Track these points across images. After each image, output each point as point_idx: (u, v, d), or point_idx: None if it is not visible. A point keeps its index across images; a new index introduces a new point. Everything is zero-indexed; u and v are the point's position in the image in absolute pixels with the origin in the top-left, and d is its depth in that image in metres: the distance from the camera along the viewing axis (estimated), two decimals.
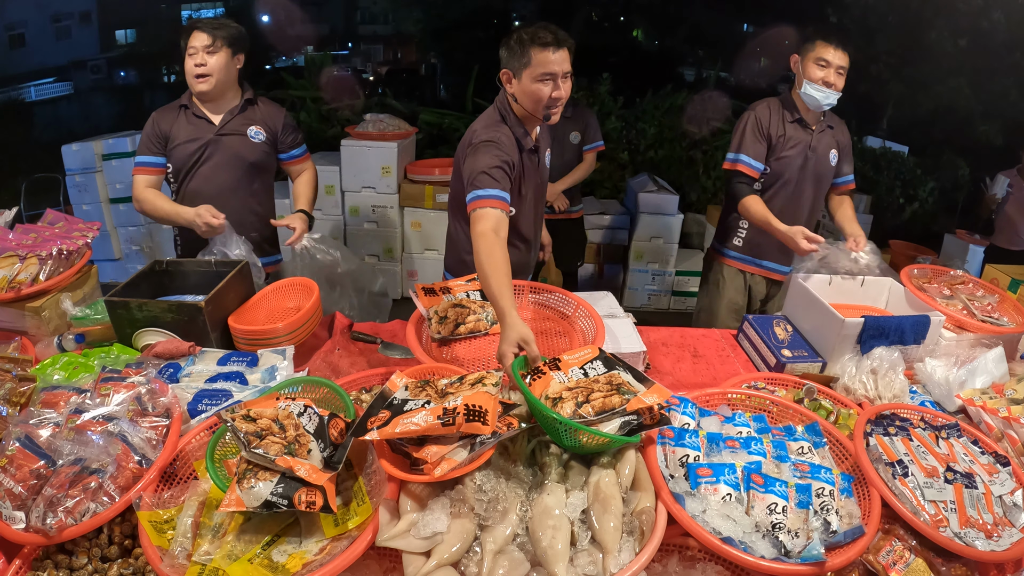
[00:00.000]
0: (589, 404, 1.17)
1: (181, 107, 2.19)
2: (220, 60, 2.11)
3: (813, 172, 2.34)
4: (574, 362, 1.31)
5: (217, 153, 2.19)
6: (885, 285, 2.03)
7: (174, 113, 2.18)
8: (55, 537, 1.04)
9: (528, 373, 1.29)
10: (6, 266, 1.73)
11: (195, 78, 2.11)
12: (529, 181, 1.93)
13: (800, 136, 2.32)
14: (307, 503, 1.00)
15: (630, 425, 1.15)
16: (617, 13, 7.46)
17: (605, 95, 5.24)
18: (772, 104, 2.35)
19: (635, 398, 1.19)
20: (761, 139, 2.31)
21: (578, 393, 1.20)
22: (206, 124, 2.18)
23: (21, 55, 8.52)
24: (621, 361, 1.31)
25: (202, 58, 2.08)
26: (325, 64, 5.88)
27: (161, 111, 2.20)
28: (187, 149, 2.17)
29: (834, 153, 2.37)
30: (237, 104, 2.22)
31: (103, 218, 4.48)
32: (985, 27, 4.49)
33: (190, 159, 2.17)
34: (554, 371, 1.29)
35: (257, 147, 2.25)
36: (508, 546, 1.01)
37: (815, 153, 2.33)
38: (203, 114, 2.19)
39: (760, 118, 2.32)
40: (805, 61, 2.24)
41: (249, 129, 2.23)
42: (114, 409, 1.21)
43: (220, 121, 2.19)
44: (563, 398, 1.19)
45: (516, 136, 1.83)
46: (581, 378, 1.27)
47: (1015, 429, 1.40)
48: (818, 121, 2.34)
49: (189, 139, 2.16)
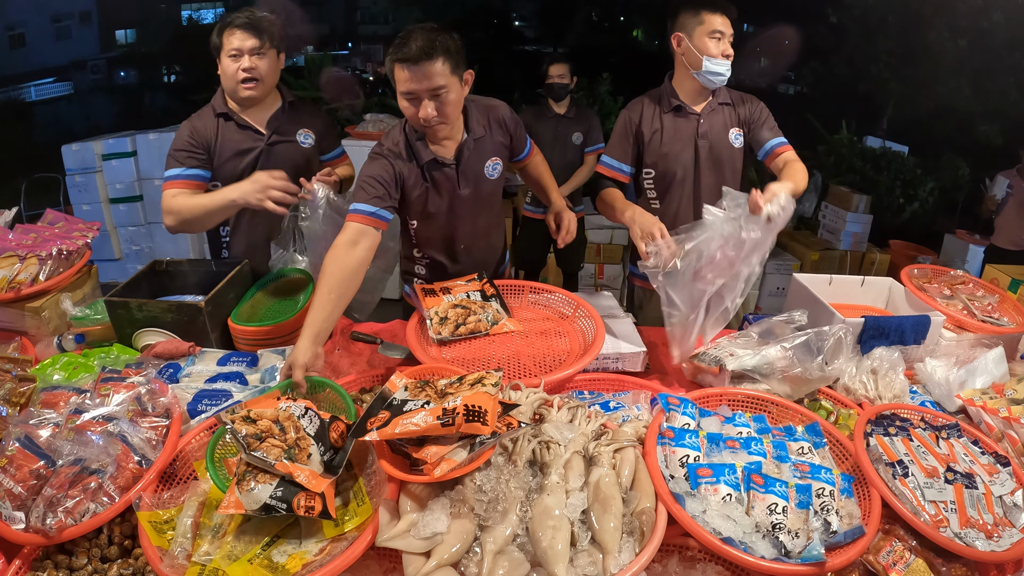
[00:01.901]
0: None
1: (219, 116, 1.93)
2: (269, 63, 1.90)
3: (709, 159, 2.02)
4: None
5: (268, 164, 1.93)
6: (885, 285, 2.03)
7: (212, 121, 1.93)
8: (55, 537, 1.04)
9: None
10: (6, 266, 1.73)
11: (241, 83, 1.87)
12: (441, 195, 1.79)
13: (683, 126, 2.02)
14: (306, 508, 1.00)
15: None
16: (617, 13, 7.46)
17: (605, 95, 5.24)
18: (644, 99, 2.07)
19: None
20: (628, 139, 2.05)
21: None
22: (253, 133, 1.96)
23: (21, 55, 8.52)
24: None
25: (249, 62, 1.85)
26: (325, 64, 5.89)
27: (197, 119, 1.94)
28: (238, 164, 1.93)
29: (735, 132, 2.03)
30: (279, 107, 2.00)
31: (103, 218, 4.49)
32: (985, 27, 4.49)
33: (242, 174, 1.88)
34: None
35: (307, 152, 2.06)
36: (508, 546, 1.01)
37: (706, 139, 2.01)
38: (247, 123, 1.95)
39: (631, 116, 2.05)
40: (695, 37, 1.93)
41: (298, 133, 2.03)
42: (114, 409, 1.21)
43: (267, 128, 1.97)
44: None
45: (414, 149, 1.72)
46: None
47: (1015, 429, 1.40)
48: (705, 103, 2.03)
49: (239, 151, 1.93)
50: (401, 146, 1.73)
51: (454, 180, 1.78)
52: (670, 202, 2.08)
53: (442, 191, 1.79)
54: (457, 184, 1.79)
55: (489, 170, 1.84)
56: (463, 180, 1.80)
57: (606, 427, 1.27)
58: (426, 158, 1.73)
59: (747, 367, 1.52)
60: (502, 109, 1.87)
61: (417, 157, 1.73)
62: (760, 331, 1.64)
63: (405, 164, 1.72)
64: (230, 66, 1.86)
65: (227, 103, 1.95)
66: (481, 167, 1.82)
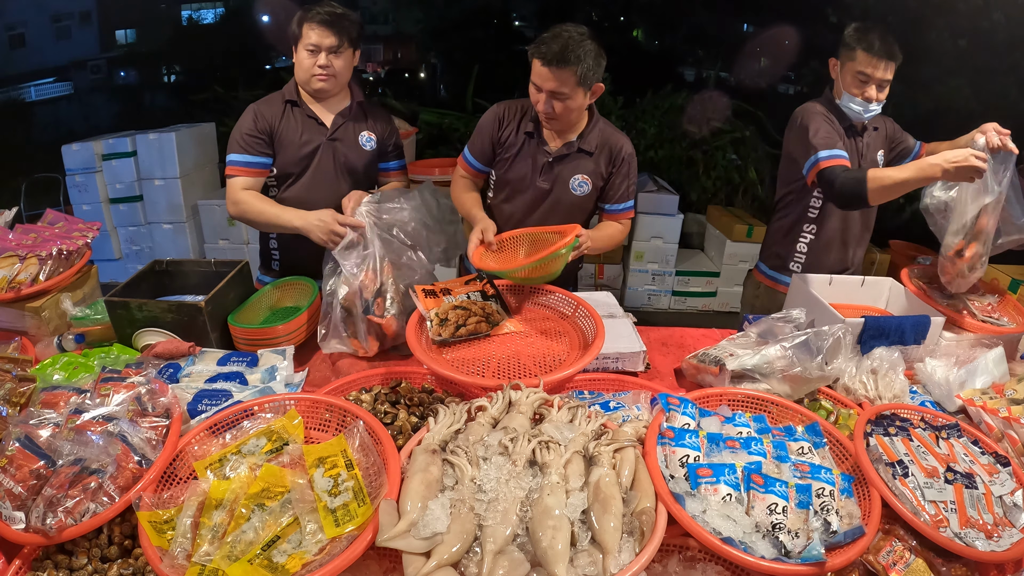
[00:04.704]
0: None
1: (287, 103, 1.96)
2: (345, 61, 1.92)
3: None
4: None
5: (326, 159, 1.98)
6: (885, 285, 2.03)
7: (279, 108, 1.95)
8: (55, 537, 1.04)
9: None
10: (6, 266, 1.73)
11: (314, 76, 1.90)
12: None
13: (850, 146, 2.06)
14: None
15: None
16: (617, 13, 7.45)
17: (605, 95, 5.23)
18: (823, 110, 2.09)
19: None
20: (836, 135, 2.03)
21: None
22: (317, 125, 1.97)
23: (21, 55, 8.52)
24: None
25: (326, 59, 1.88)
26: None
27: (263, 104, 1.96)
28: (296, 153, 1.95)
29: (881, 154, 2.14)
30: (348, 105, 2.01)
31: (103, 218, 4.49)
32: (985, 27, 4.49)
33: (299, 164, 1.95)
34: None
35: (367, 155, 2.06)
36: (508, 546, 1.01)
37: (866, 160, 2.10)
38: (314, 114, 1.97)
39: (830, 118, 2.04)
40: (844, 71, 2.01)
41: (361, 135, 2.03)
42: (114, 409, 1.21)
43: (332, 124, 1.99)
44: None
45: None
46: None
47: (1015, 429, 1.40)
48: (865, 124, 2.11)
49: (300, 141, 1.95)
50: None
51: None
52: (815, 218, 2.17)
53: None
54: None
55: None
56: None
57: (606, 427, 1.27)
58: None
59: (747, 367, 1.52)
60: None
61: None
62: (759, 331, 1.65)
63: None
64: (306, 60, 1.89)
65: (299, 91, 1.97)
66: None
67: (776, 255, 2.31)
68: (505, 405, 1.30)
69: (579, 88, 1.77)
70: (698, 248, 5.10)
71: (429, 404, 1.43)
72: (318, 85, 1.91)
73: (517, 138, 1.95)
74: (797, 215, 2.21)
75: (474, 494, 1.07)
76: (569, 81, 1.73)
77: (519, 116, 1.97)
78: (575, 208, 2.00)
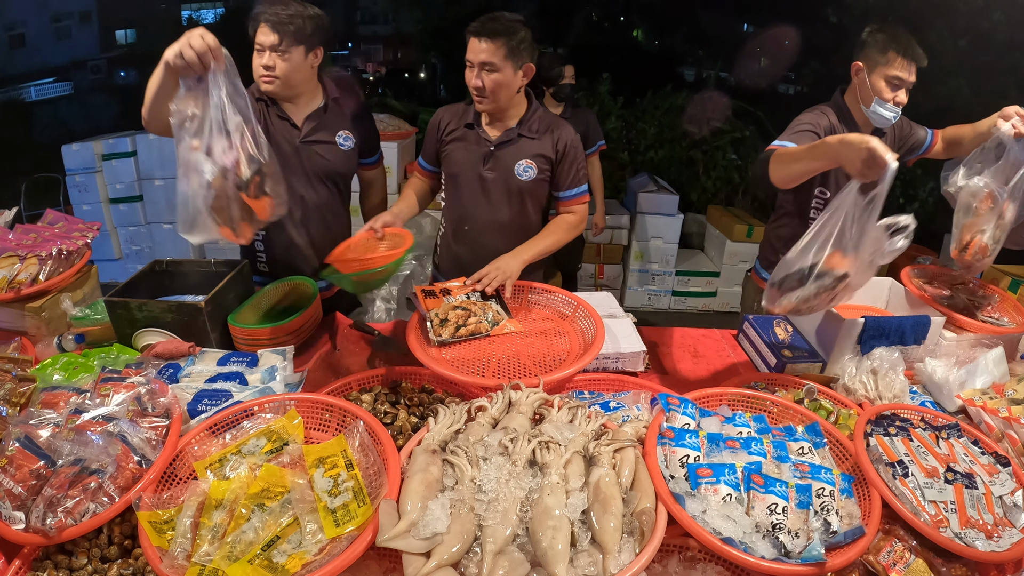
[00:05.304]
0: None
1: (259, 100, 1.87)
2: (293, 63, 1.81)
3: None
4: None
5: (305, 164, 1.91)
6: (885, 285, 2.03)
7: (255, 104, 1.83)
8: (55, 537, 1.04)
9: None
10: (6, 266, 1.73)
11: (260, 78, 1.82)
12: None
13: None
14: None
15: None
16: (617, 13, 7.46)
17: (605, 95, 5.24)
18: (827, 111, 2.01)
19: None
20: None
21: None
22: (290, 127, 1.90)
23: (21, 55, 8.52)
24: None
25: (270, 59, 1.78)
26: (325, 64, 5.89)
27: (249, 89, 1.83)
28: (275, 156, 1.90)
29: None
30: (320, 105, 1.93)
31: (103, 218, 4.49)
32: (985, 27, 4.49)
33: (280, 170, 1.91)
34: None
35: (347, 155, 1.98)
36: (508, 546, 1.01)
37: None
38: (286, 114, 1.89)
39: (818, 121, 1.95)
40: (873, 75, 1.90)
41: (338, 135, 1.95)
42: (114, 409, 1.21)
43: (303, 126, 1.91)
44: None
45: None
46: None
47: (1015, 429, 1.40)
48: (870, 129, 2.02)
49: (276, 143, 1.85)
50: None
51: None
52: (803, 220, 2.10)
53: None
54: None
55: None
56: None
57: (606, 427, 1.27)
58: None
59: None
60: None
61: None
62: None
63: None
64: (255, 59, 1.82)
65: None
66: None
67: (771, 260, 2.26)
68: (505, 405, 1.30)
69: (508, 61, 1.80)
70: (698, 248, 5.10)
71: (429, 404, 1.43)
72: (264, 87, 1.83)
73: (458, 132, 1.97)
74: (796, 222, 2.15)
75: (474, 494, 1.07)
76: (498, 52, 1.77)
77: (461, 112, 2.00)
78: (525, 194, 1.98)
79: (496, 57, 1.78)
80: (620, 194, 5.17)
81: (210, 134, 1.30)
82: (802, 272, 1.34)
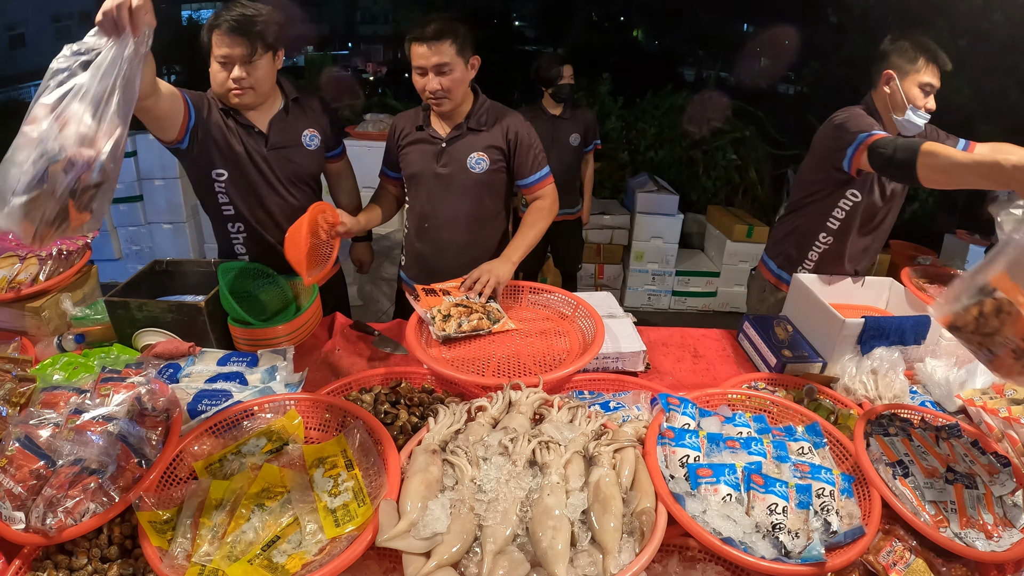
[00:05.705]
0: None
1: (221, 110, 1.81)
2: (264, 69, 1.74)
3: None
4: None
5: (272, 172, 1.88)
6: (885, 285, 2.03)
7: (216, 114, 1.80)
8: (55, 537, 1.04)
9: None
10: (6, 266, 1.73)
11: (231, 92, 1.74)
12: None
13: None
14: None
15: None
16: (617, 13, 7.46)
17: (605, 95, 5.24)
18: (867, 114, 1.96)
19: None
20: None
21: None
22: (255, 135, 1.84)
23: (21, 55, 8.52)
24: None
25: (240, 71, 1.70)
26: (325, 64, 5.89)
27: (204, 95, 1.79)
28: (244, 166, 1.85)
29: None
30: (280, 108, 1.88)
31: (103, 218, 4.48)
32: (985, 27, 4.49)
33: (250, 179, 1.86)
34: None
35: (314, 154, 1.96)
36: (508, 546, 1.01)
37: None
38: (249, 123, 1.83)
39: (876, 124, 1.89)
40: (906, 82, 1.89)
41: (303, 135, 1.92)
42: (114, 409, 1.21)
43: (268, 130, 1.85)
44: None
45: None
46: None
47: (1015, 429, 1.40)
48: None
49: (244, 152, 1.83)
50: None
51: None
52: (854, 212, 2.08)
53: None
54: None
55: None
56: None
57: (606, 427, 1.27)
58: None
59: None
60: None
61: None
62: None
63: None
64: (219, 73, 1.72)
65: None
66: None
67: (786, 255, 2.24)
68: (505, 405, 1.30)
69: (459, 58, 1.84)
70: (698, 248, 5.10)
71: (429, 404, 1.43)
72: (235, 101, 1.76)
73: (412, 135, 2.01)
74: (816, 222, 2.12)
75: (474, 494, 1.07)
76: (449, 52, 1.81)
77: (412, 117, 2.03)
78: (483, 188, 2.00)
79: (447, 57, 1.82)
80: (620, 194, 5.17)
81: (79, 108, 1.03)
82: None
